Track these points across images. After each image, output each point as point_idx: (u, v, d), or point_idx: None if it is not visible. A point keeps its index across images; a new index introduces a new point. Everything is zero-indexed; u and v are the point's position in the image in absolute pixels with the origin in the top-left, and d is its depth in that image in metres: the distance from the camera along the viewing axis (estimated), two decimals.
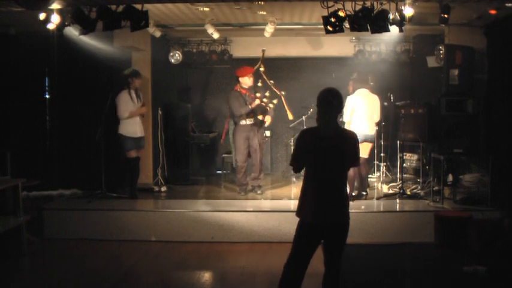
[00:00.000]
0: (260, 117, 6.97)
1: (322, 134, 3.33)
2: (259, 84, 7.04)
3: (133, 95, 6.77)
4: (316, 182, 3.34)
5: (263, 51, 7.17)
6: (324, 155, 3.29)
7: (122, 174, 7.27)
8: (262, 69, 7.09)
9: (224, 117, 8.19)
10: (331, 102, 3.31)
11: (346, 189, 3.49)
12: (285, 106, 7.11)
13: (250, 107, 6.86)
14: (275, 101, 7.01)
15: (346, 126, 6.55)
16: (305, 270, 3.35)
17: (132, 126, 6.76)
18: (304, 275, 3.36)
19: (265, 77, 7.07)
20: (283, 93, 7.08)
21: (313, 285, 3.72)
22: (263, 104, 6.89)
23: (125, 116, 6.67)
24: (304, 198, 3.39)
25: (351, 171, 6.66)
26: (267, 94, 6.96)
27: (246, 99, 6.94)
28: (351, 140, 3.42)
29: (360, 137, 6.62)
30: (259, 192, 7.11)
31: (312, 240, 3.37)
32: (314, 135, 3.37)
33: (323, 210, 3.29)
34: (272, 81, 7.09)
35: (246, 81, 6.97)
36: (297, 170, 3.52)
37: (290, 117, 7.21)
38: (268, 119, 7.07)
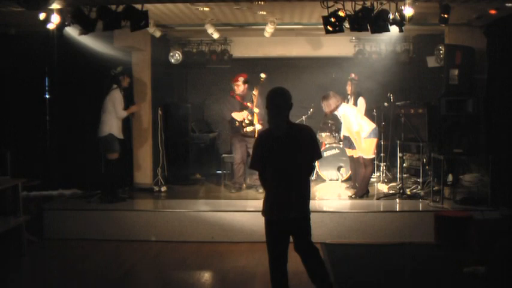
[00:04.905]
0: (250, 128, 6.95)
1: (275, 134, 3.39)
2: (248, 104, 7.02)
3: (123, 93, 6.65)
4: (275, 181, 3.41)
5: (262, 78, 6.91)
6: (279, 154, 3.36)
7: (122, 174, 7.26)
8: (255, 92, 7.00)
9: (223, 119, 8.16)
10: (278, 103, 3.38)
11: (308, 186, 3.52)
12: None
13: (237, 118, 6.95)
14: (249, 129, 6.96)
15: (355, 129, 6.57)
16: (285, 266, 3.45)
17: (119, 127, 6.60)
18: (286, 271, 3.46)
19: (254, 101, 6.98)
20: (261, 122, 6.95)
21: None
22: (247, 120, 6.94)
23: (124, 115, 6.58)
24: (266, 197, 3.47)
25: (361, 171, 6.66)
26: (250, 117, 6.97)
27: (240, 105, 7.01)
28: (305, 134, 3.45)
29: (374, 133, 6.65)
30: (260, 191, 7.12)
31: (277, 237, 3.43)
32: (268, 137, 3.43)
33: (281, 207, 3.37)
34: (257, 110, 6.97)
35: (236, 87, 7.09)
36: (261, 173, 3.54)
37: None
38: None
